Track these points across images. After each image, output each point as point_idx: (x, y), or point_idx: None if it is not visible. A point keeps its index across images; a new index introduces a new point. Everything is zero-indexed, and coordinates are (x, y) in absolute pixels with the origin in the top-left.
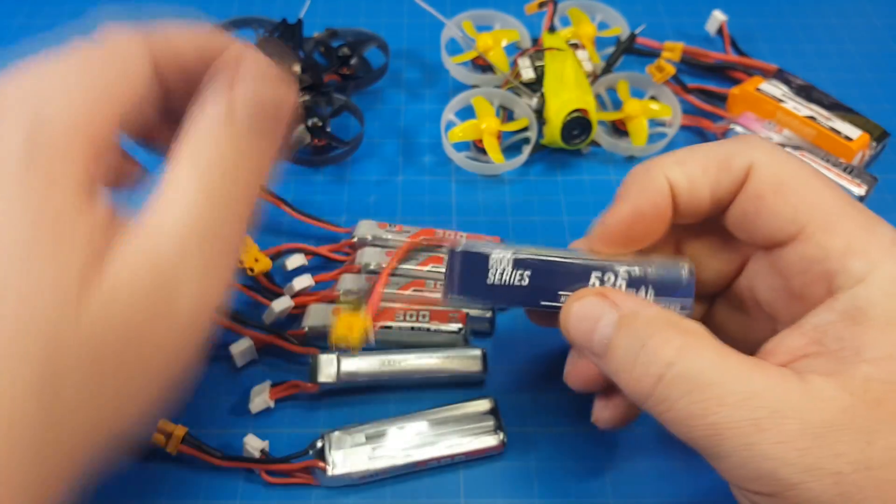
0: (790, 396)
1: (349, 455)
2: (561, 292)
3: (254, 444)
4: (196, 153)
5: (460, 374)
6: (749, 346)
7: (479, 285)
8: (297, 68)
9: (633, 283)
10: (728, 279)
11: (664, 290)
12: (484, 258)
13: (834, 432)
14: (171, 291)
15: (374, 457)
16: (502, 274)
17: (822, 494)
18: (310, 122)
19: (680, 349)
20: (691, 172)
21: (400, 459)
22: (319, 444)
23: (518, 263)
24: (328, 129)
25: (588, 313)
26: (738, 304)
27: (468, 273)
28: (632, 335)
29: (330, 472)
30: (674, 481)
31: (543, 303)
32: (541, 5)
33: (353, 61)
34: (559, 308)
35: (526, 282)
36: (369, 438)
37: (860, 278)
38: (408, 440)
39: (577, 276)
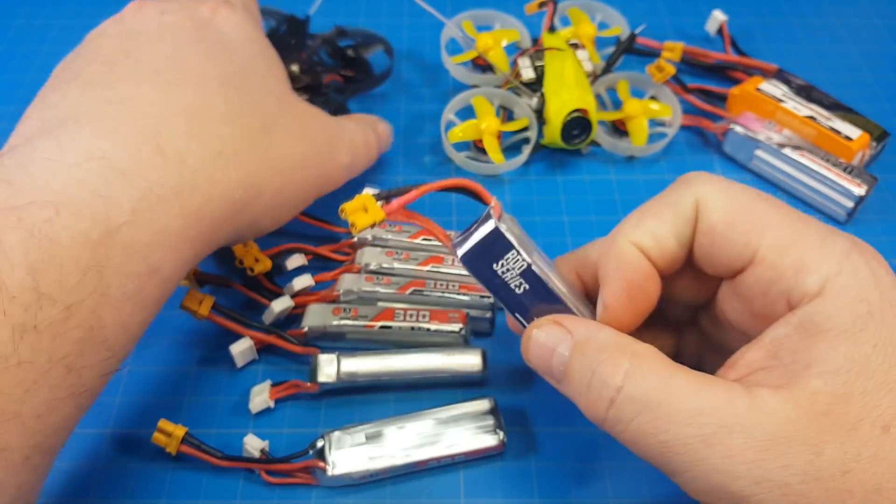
0: (736, 411)
1: (349, 455)
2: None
3: (254, 444)
4: None
5: (460, 374)
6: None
7: (484, 262)
8: (295, 68)
9: None
10: (705, 299)
11: None
12: (505, 247)
13: (780, 444)
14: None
15: (374, 457)
16: (508, 271)
17: None
18: None
19: (628, 373)
20: (652, 229)
21: (400, 459)
22: (319, 444)
23: (526, 274)
24: None
25: (546, 341)
26: (717, 322)
27: (483, 247)
28: (584, 362)
29: (330, 472)
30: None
31: (517, 315)
32: (541, 5)
33: (357, 63)
34: (523, 326)
35: (520, 291)
36: (369, 438)
37: (815, 293)
38: (408, 440)
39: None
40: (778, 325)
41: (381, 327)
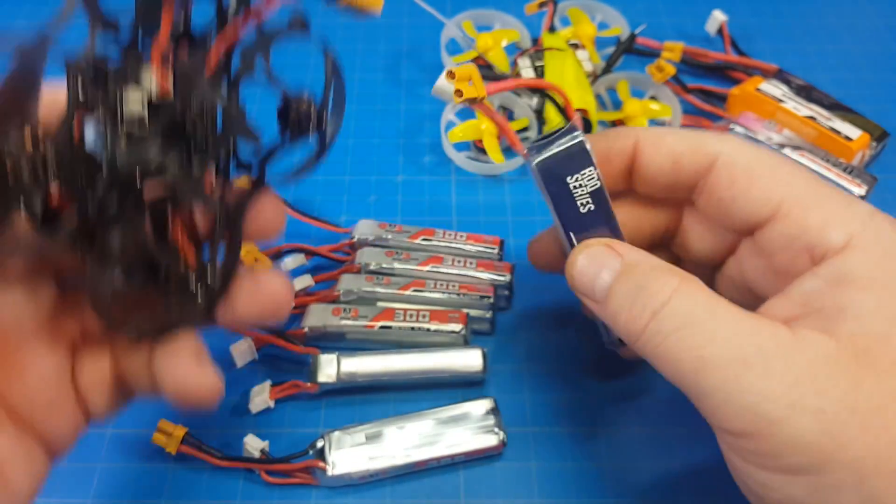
0: (778, 339)
1: (349, 455)
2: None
3: (254, 444)
4: None
5: (460, 374)
6: None
7: (558, 174)
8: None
9: None
10: (721, 258)
11: None
12: (585, 163)
13: (819, 373)
14: None
15: (374, 457)
16: (580, 187)
17: (805, 431)
18: None
19: (676, 289)
20: (661, 138)
21: (400, 459)
22: (319, 444)
23: (596, 193)
24: None
25: (594, 260)
26: (734, 284)
27: (563, 159)
28: (633, 280)
29: (330, 472)
30: (673, 482)
31: (570, 234)
32: (541, 5)
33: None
34: (570, 248)
35: (584, 210)
36: (369, 438)
37: (842, 247)
38: (408, 440)
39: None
40: (805, 278)
41: (381, 327)
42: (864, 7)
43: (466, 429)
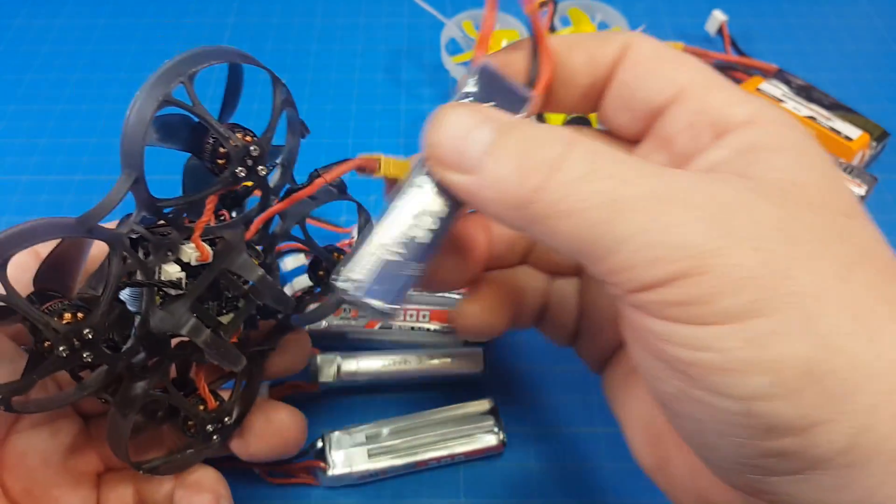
0: (696, 178)
1: (349, 455)
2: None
3: None
4: None
5: (460, 374)
6: None
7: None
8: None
9: None
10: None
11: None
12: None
13: (749, 203)
14: None
15: (374, 457)
16: None
17: (743, 264)
18: None
19: (573, 139)
20: (572, 40)
21: (400, 459)
22: (319, 444)
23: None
24: None
25: (464, 119)
26: None
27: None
28: (520, 134)
29: (330, 472)
30: None
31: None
32: (541, 5)
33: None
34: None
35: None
36: (369, 438)
37: (745, 121)
38: (408, 440)
39: None
40: (710, 150)
41: (382, 327)
42: (864, 7)
43: (466, 429)
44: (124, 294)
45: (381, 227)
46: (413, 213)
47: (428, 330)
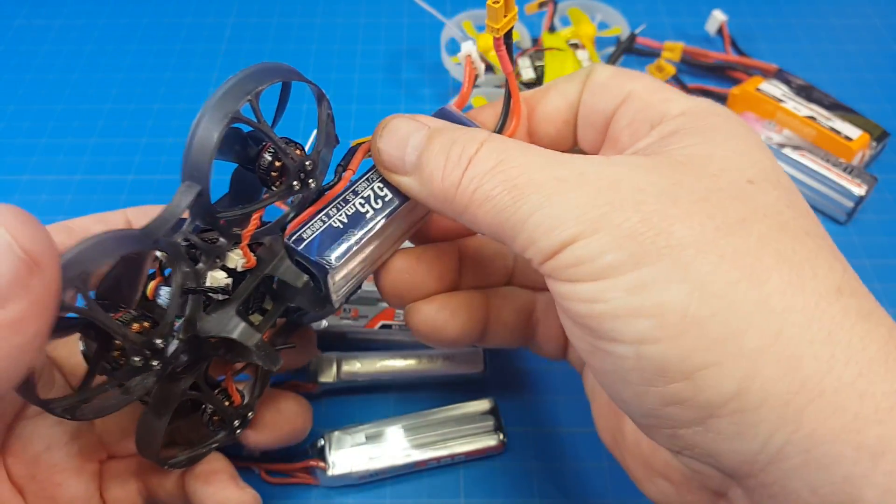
0: (595, 160)
1: (349, 455)
2: None
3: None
4: None
5: (460, 374)
6: None
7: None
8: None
9: None
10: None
11: None
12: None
13: (637, 175)
14: None
15: (374, 457)
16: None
17: (624, 222)
18: None
19: (488, 137)
20: (547, 88)
21: (400, 459)
22: (319, 444)
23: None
24: None
25: (399, 130)
26: None
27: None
28: (445, 136)
29: (330, 471)
30: None
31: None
32: (541, 5)
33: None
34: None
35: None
36: (369, 438)
37: (680, 114)
38: (408, 440)
39: None
40: (643, 139)
41: (382, 327)
42: (864, 7)
43: (466, 429)
44: (162, 297)
45: (331, 204)
46: (360, 194)
47: None
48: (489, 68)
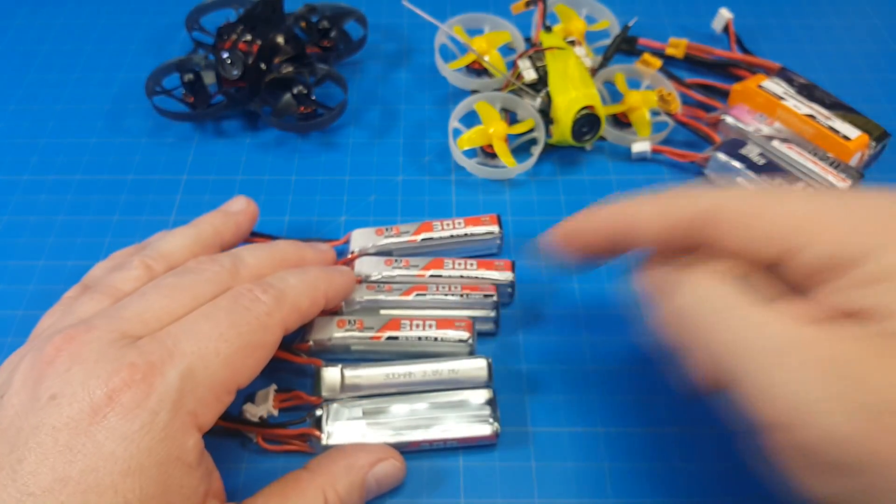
0: (809, 329)
1: (345, 427)
2: None
3: (253, 411)
4: None
5: (465, 384)
6: None
7: None
8: (280, 39)
9: None
10: None
11: None
12: None
13: (857, 364)
14: None
15: (369, 432)
16: None
17: (841, 425)
18: (295, 91)
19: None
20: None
21: (393, 438)
22: (318, 413)
23: None
24: (313, 97)
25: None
26: None
27: None
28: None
29: (324, 441)
30: (673, 482)
31: None
32: (528, 4)
33: (333, 34)
34: None
35: None
36: (366, 413)
37: (869, 252)
38: (403, 420)
39: None
40: (831, 284)
41: (388, 338)
42: (864, 7)
43: (462, 415)
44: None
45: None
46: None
47: (435, 339)
48: (485, 72)
